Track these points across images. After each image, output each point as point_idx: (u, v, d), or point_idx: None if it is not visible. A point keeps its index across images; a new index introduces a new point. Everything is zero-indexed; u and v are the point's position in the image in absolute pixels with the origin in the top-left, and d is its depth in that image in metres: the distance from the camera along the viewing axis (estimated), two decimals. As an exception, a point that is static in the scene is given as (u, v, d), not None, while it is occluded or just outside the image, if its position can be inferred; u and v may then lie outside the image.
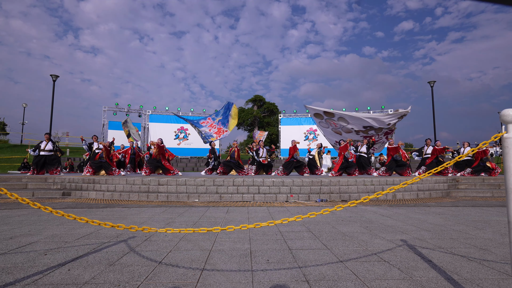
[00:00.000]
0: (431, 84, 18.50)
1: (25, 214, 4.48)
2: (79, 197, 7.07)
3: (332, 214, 4.47)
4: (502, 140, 1.40)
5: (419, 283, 1.79)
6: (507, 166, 1.36)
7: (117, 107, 18.10)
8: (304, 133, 19.82)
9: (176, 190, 6.93)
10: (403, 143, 10.10)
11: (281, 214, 4.59)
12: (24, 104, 29.36)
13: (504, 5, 0.81)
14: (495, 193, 7.54)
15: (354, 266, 2.11)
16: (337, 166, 9.98)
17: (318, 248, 2.58)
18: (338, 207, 1.89)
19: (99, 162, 9.37)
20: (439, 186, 7.83)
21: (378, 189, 7.05)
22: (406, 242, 2.81)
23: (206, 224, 3.76)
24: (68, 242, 2.79)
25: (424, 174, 1.87)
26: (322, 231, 3.27)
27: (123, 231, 3.16)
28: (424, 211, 4.91)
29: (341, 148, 10.37)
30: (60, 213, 1.83)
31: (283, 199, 6.48)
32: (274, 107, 33.85)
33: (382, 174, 9.75)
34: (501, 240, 2.89)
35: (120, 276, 1.90)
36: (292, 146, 10.55)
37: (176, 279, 1.86)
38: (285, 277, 1.90)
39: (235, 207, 5.39)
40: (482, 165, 9.88)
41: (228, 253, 2.44)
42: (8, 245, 2.66)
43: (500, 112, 1.39)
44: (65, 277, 1.89)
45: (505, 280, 1.85)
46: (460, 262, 2.20)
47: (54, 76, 17.23)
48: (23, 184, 8.23)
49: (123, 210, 4.93)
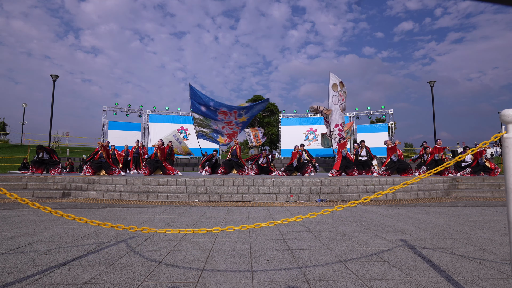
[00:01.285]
0: (431, 84, 18.50)
1: (25, 214, 4.48)
2: (79, 197, 7.07)
3: (332, 214, 4.47)
4: (502, 140, 1.40)
5: (419, 283, 1.79)
6: (507, 166, 1.36)
7: (117, 107, 18.11)
8: (304, 133, 19.81)
9: (176, 190, 6.93)
10: (399, 142, 10.12)
11: (281, 214, 4.59)
12: (24, 104, 29.37)
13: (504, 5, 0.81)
14: (495, 193, 7.54)
15: (354, 266, 2.11)
16: (337, 164, 9.97)
17: (318, 248, 2.58)
18: (338, 207, 1.89)
19: (99, 162, 9.38)
20: (439, 186, 7.83)
21: (378, 189, 7.05)
22: (406, 242, 2.81)
23: (206, 224, 3.76)
24: (68, 242, 2.78)
25: (424, 174, 1.87)
26: (322, 231, 3.27)
27: (123, 231, 3.16)
28: (424, 211, 4.91)
29: (339, 145, 10.39)
30: (59, 213, 1.83)
31: (283, 199, 6.48)
32: (274, 107, 33.88)
33: (382, 174, 9.75)
34: (501, 240, 2.89)
35: (120, 276, 1.90)
36: (294, 152, 10.50)
37: (176, 279, 1.85)
38: (285, 277, 1.90)
39: (235, 207, 5.39)
40: (481, 164, 9.89)
41: (228, 253, 2.44)
42: (8, 245, 2.66)
43: (500, 112, 1.39)
44: (65, 277, 1.89)
45: (505, 280, 1.84)
46: (460, 262, 2.20)
47: (54, 76, 17.23)
48: (23, 184, 8.23)
49: (123, 210, 4.93)
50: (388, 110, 19.27)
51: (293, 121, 20.24)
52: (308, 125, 19.87)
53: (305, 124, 19.96)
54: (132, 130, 18.09)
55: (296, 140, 16.79)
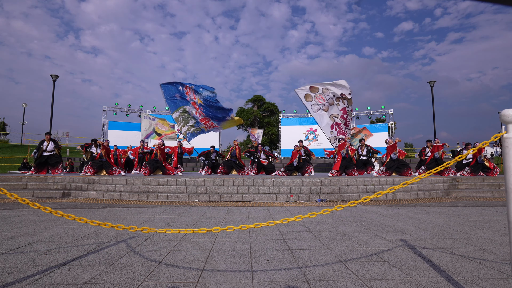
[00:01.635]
0: (431, 84, 18.49)
1: (25, 214, 4.48)
2: (79, 197, 7.07)
3: (332, 214, 4.47)
4: (502, 140, 1.40)
5: (419, 283, 1.79)
6: (507, 166, 1.36)
7: (117, 107, 18.11)
8: (304, 133, 19.82)
9: (176, 190, 6.93)
10: (399, 140, 10.09)
11: (281, 214, 4.59)
12: (24, 104, 29.38)
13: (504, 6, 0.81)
14: (495, 193, 7.54)
15: (354, 266, 2.11)
16: (337, 165, 9.97)
17: (318, 248, 2.58)
18: (338, 207, 1.89)
19: (100, 161, 9.37)
20: (439, 186, 7.83)
21: (378, 189, 7.05)
22: (406, 242, 2.81)
23: (206, 224, 3.76)
24: (68, 242, 2.78)
25: (424, 174, 1.87)
26: (322, 231, 3.27)
27: (123, 231, 3.16)
28: (424, 211, 4.91)
29: (339, 146, 10.39)
30: (60, 213, 1.83)
31: (283, 199, 6.48)
32: (274, 107, 33.87)
33: (382, 174, 9.75)
34: (501, 240, 2.89)
35: (120, 276, 1.90)
36: (294, 151, 10.51)
37: (176, 279, 1.86)
38: (285, 277, 1.90)
39: (235, 207, 5.39)
40: (480, 163, 9.92)
41: (228, 253, 2.44)
42: (8, 245, 2.66)
43: (500, 112, 1.39)
44: (65, 277, 1.89)
45: (505, 280, 1.84)
46: (460, 262, 2.20)
47: (54, 76, 17.23)
48: (23, 184, 8.23)
49: (123, 210, 4.93)
50: (388, 110, 19.28)
51: (293, 121, 20.25)
52: (308, 125, 19.86)
53: (305, 124, 19.96)
54: (132, 130, 18.08)
55: (296, 140, 16.78)
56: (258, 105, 34.22)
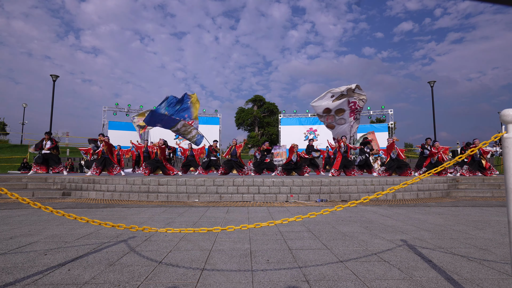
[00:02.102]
0: (431, 84, 18.50)
1: (25, 214, 4.48)
2: (79, 197, 7.07)
3: (332, 214, 4.47)
4: (502, 140, 1.40)
5: (419, 283, 1.79)
6: (507, 166, 1.36)
7: (117, 107, 18.12)
8: (304, 133, 19.84)
9: (176, 190, 6.93)
10: (397, 139, 10.07)
11: (281, 214, 4.59)
12: (24, 104, 29.37)
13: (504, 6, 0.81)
14: (495, 193, 7.54)
15: (354, 266, 2.11)
16: (336, 164, 9.97)
17: (318, 248, 2.58)
18: (338, 207, 1.89)
19: (103, 158, 9.35)
20: (439, 186, 7.83)
21: (378, 189, 7.05)
22: (406, 242, 2.81)
23: (206, 224, 3.76)
24: (68, 242, 2.79)
25: (424, 174, 1.87)
26: (322, 231, 3.27)
27: (123, 231, 3.17)
28: (424, 211, 4.91)
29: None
30: (61, 213, 1.83)
31: (283, 199, 6.48)
32: (274, 107, 33.87)
33: (382, 174, 9.75)
34: (501, 240, 2.89)
35: (120, 276, 1.90)
36: (291, 147, 10.54)
37: (176, 279, 1.86)
38: (285, 277, 1.90)
39: (235, 207, 5.39)
40: (476, 160, 9.97)
41: (228, 253, 2.44)
42: (8, 245, 2.66)
43: (500, 112, 1.39)
44: (65, 277, 1.89)
45: (505, 280, 1.85)
46: (460, 262, 2.20)
47: (54, 76, 17.24)
48: (23, 184, 8.23)
49: (123, 210, 4.93)
50: (388, 110, 19.29)
51: (293, 121, 20.27)
52: (308, 125, 19.89)
53: (305, 124, 19.99)
54: (132, 130, 18.06)
55: (296, 140, 16.80)
56: (258, 105, 34.22)
